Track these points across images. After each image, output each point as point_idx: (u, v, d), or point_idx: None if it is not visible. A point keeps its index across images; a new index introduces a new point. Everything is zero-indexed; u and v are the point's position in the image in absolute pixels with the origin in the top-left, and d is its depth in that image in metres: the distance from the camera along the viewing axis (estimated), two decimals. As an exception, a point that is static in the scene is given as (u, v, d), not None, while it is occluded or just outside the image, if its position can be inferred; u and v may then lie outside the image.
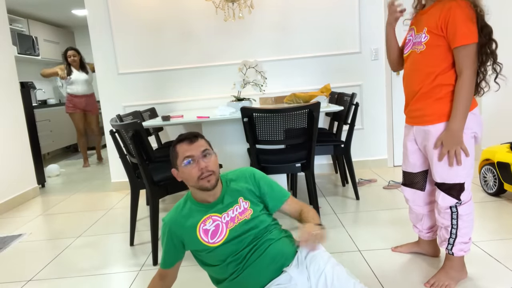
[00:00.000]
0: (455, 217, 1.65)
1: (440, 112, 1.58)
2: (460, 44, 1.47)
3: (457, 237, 1.66)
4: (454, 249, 1.68)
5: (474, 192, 2.91)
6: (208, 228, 1.44)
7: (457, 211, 1.65)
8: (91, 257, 2.36)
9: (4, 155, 3.55)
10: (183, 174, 1.46)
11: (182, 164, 1.44)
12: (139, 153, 2.16)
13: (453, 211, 1.66)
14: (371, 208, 2.79)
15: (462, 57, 1.48)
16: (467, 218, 1.66)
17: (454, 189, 1.63)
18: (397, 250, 2.05)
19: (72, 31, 7.47)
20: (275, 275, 1.39)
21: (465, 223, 1.66)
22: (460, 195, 1.63)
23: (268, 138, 2.40)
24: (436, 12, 1.53)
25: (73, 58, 5.04)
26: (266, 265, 1.40)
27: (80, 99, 5.11)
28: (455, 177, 1.62)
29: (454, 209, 1.66)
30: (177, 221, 1.49)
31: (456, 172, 1.60)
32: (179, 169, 1.47)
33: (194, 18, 3.72)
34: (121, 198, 3.65)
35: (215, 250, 1.43)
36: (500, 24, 3.58)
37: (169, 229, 1.48)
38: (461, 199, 1.64)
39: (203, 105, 3.86)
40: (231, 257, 1.42)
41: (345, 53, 3.77)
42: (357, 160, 3.92)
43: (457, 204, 1.65)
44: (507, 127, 3.60)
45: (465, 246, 1.68)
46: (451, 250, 1.69)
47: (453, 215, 1.66)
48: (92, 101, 5.23)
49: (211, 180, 1.43)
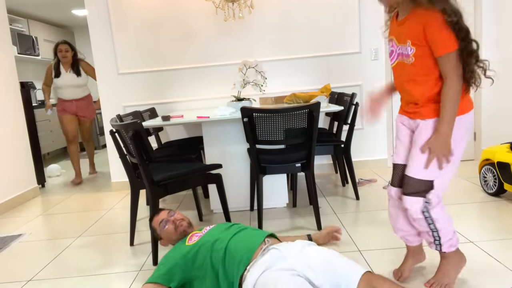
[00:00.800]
0: (431, 221, 1.61)
1: (435, 107, 1.58)
2: (441, 53, 1.48)
3: (440, 237, 1.64)
4: (443, 248, 1.66)
5: (474, 192, 2.92)
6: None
7: (430, 215, 1.61)
8: (91, 257, 2.36)
9: (4, 155, 3.55)
10: (166, 235, 1.88)
11: (161, 229, 1.88)
12: (139, 153, 2.16)
13: (426, 217, 1.61)
14: (371, 208, 2.79)
15: (445, 65, 1.50)
16: (443, 219, 1.62)
17: (421, 186, 1.59)
18: (404, 278, 1.82)
19: (72, 31, 7.47)
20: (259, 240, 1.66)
21: (443, 224, 1.62)
22: (428, 193, 1.59)
23: (268, 138, 2.40)
24: (413, 24, 1.53)
25: (64, 54, 4.25)
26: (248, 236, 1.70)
27: (70, 103, 4.40)
28: (427, 174, 1.59)
29: (427, 214, 1.60)
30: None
31: (430, 171, 1.58)
32: (162, 236, 1.90)
33: (194, 18, 3.72)
34: (121, 198, 3.65)
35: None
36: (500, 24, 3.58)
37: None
38: (429, 197, 1.59)
39: (203, 105, 3.86)
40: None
41: (345, 53, 3.77)
42: (357, 160, 3.92)
43: (428, 206, 1.60)
44: (507, 127, 3.61)
45: (452, 242, 1.66)
46: (441, 249, 1.67)
47: (428, 220, 1.61)
48: (86, 105, 4.48)
49: (183, 224, 1.88)
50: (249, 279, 1.51)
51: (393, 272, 1.86)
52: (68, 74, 4.30)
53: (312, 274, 1.48)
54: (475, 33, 3.70)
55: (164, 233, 1.89)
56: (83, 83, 4.40)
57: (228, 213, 2.48)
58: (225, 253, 1.62)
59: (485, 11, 3.64)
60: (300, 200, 3.09)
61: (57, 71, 4.29)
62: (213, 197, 2.90)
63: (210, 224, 2.74)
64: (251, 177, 2.88)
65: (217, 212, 2.96)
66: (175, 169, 2.36)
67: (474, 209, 2.58)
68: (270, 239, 1.71)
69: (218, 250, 1.64)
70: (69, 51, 4.30)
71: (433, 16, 1.46)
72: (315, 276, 1.47)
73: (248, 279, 1.51)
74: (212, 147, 2.85)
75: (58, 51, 4.27)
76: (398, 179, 1.73)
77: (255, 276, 1.50)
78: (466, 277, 1.76)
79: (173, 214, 1.92)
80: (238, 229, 1.76)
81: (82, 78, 4.38)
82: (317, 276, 1.47)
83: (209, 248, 1.67)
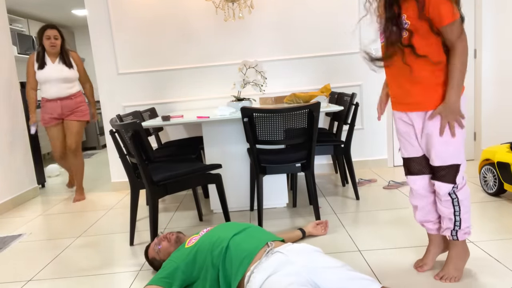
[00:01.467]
0: (457, 203, 1.69)
1: (434, 97, 1.62)
2: (447, 22, 1.51)
3: (461, 222, 1.70)
4: (459, 234, 1.72)
5: (474, 192, 2.91)
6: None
7: (457, 197, 1.68)
8: (91, 257, 2.36)
9: (4, 155, 3.55)
10: (164, 252, 1.92)
11: (158, 251, 1.93)
12: (138, 153, 2.16)
13: (453, 198, 1.69)
14: (371, 208, 2.79)
15: (451, 33, 1.53)
16: (467, 202, 1.70)
17: (450, 172, 1.66)
18: (424, 270, 1.85)
19: (72, 31, 7.47)
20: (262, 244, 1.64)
21: (466, 207, 1.70)
22: (456, 178, 1.66)
23: (268, 138, 2.40)
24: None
25: (53, 42, 3.42)
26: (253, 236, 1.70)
27: (54, 104, 3.52)
28: (451, 158, 1.65)
29: (453, 195, 1.68)
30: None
31: (452, 154, 1.64)
32: (162, 256, 1.93)
33: (194, 18, 3.72)
34: (121, 198, 3.65)
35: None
36: (500, 24, 3.58)
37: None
38: (457, 182, 1.67)
39: (203, 105, 3.86)
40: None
41: (345, 53, 3.77)
42: (357, 160, 3.92)
43: (454, 190, 1.68)
44: (507, 127, 3.60)
45: (468, 230, 1.73)
46: (456, 235, 1.72)
47: (454, 201, 1.69)
48: (74, 104, 3.58)
49: (174, 234, 1.96)
50: (254, 282, 1.48)
51: (415, 262, 1.90)
52: (55, 65, 3.47)
53: (321, 281, 1.44)
54: (475, 34, 3.70)
55: (162, 252, 1.92)
56: (74, 77, 3.57)
57: (228, 213, 2.48)
58: (226, 252, 1.61)
59: (485, 12, 3.64)
60: (300, 200, 3.09)
61: (41, 62, 3.45)
62: (213, 197, 2.90)
63: (210, 224, 2.74)
64: (251, 177, 2.88)
65: (217, 212, 2.95)
66: (175, 169, 2.36)
67: (474, 209, 2.58)
68: (273, 241, 1.69)
69: (218, 248, 1.63)
70: (58, 39, 3.48)
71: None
72: (325, 284, 1.43)
73: (253, 281, 1.48)
74: (212, 147, 2.85)
75: (46, 37, 3.42)
76: (418, 168, 1.78)
77: (260, 279, 1.47)
78: (466, 277, 1.76)
79: (159, 236, 2.00)
80: (241, 228, 1.75)
81: (73, 71, 3.57)
82: (328, 285, 1.43)
83: (209, 247, 1.66)
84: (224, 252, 1.61)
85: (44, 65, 3.45)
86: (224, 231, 1.72)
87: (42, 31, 3.44)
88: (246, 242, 1.64)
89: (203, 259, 1.65)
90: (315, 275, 1.44)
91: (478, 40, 3.70)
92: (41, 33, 3.44)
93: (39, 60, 3.46)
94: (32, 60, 3.48)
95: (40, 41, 3.46)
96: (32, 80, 3.51)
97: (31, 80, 3.51)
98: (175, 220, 2.88)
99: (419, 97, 1.64)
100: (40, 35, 3.45)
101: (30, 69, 3.48)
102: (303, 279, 1.42)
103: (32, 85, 3.54)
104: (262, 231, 1.77)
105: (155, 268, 1.99)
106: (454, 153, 1.64)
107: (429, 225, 1.84)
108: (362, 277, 1.43)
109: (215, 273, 1.61)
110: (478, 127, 3.87)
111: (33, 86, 3.54)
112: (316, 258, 1.52)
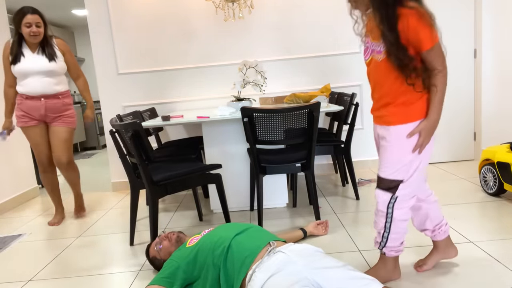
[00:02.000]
0: (389, 220, 1.68)
1: (406, 113, 1.62)
2: (428, 47, 1.52)
3: (387, 241, 1.70)
4: (385, 249, 1.73)
5: (474, 192, 2.92)
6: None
7: (392, 213, 1.67)
8: (91, 257, 2.36)
9: (4, 155, 3.55)
10: (165, 252, 1.92)
11: (158, 250, 1.94)
12: (138, 153, 2.16)
13: (388, 212, 1.67)
14: (371, 208, 2.79)
15: (432, 57, 1.54)
16: (401, 224, 1.68)
17: (392, 185, 1.65)
18: (423, 270, 1.86)
19: (72, 31, 7.47)
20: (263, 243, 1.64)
21: (398, 228, 1.68)
22: (396, 190, 1.64)
23: (268, 138, 2.40)
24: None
25: (35, 30, 2.71)
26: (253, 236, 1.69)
27: (36, 102, 2.81)
28: (396, 174, 1.65)
29: (390, 210, 1.67)
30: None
31: (398, 171, 1.64)
32: (162, 256, 1.93)
33: (194, 18, 3.72)
34: (121, 198, 3.65)
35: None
36: (499, 24, 3.58)
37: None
38: (397, 194, 1.64)
39: (203, 105, 3.86)
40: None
41: (345, 53, 3.77)
42: (357, 160, 3.92)
43: (393, 202, 1.65)
44: (507, 127, 3.61)
45: (397, 249, 1.73)
46: (382, 250, 1.73)
47: (388, 217, 1.68)
48: (61, 106, 2.88)
49: (175, 233, 1.97)
50: (255, 281, 1.48)
51: (416, 262, 1.91)
52: (36, 56, 2.78)
53: (323, 281, 1.44)
54: (475, 34, 3.70)
55: (163, 252, 1.93)
56: (60, 70, 2.85)
57: (228, 213, 2.48)
58: (227, 252, 1.61)
59: (485, 12, 3.64)
60: (300, 200, 3.09)
61: (16, 53, 2.76)
62: (213, 197, 2.90)
63: (210, 224, 2.74)
64: (251, 177, 2.88)
65: (217, 212, 2.95)
66: (175, 169, 2.36)
67: (474, 209, 2.58)
68: (275, 241, 1.69)
69: (220, 248, 1.63)
70: (41, 26, 2.77)
71: (412, 13, 1.48)
72: (326, 283, 1.43)
73: (255, 281, 1.48)
74: (212, 147, 2.85)
75: (25, 24, 2.71)
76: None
77: (262, 279, 1.47)
78: (467, 277, 1.76)
79: (160, 235, 2.01)
80: (243, 228, 1.75)
81: (59, 63, 2.83)
82: (329, 284, 1.43)
83: (210, 246, 1.66)
84: (225, 251, 1.61)
85: (20, 57, 2.75)
86: (226, 231, 1.73)
87: (20, 16, 2.72)
88: (248, 241, 1.64)
89: (204, 258, 1.65)
90: (316, 275, 1.45)
91: (478, 40, 3.70)
92: (19, 19, 2.72)
93: (13, 52, 2.76)
94: (7, 52, 2.80)
95: (17, 29, 2.75)
96: (8, 76, 2.82)
97: (7, 76, 2.83)
98: (175, 220, 2.88)
99: (388, 112, 1.66)
100: (17, 22, 2.73)
101: (5, 63, 2.81)
102: (305, 279, 1.42)
103: (9, 82, 2.84)
104: (264, 231, 1.77)
105: (156, 267, 1.99)
106: (400, 171, 1.63)
107: (427, 233, 1.85)
108: (363, 276, 1.44)
109: (216, 273, 1.61)
110: (478, 127, 3.87)
111: (10, 83, 2.84)
112: (317, 258, 1.53)
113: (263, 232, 1.75)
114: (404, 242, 1.74)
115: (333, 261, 1.52)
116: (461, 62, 3.77)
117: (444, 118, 3.86)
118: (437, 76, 1.56)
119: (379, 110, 1.69)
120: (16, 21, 2.75)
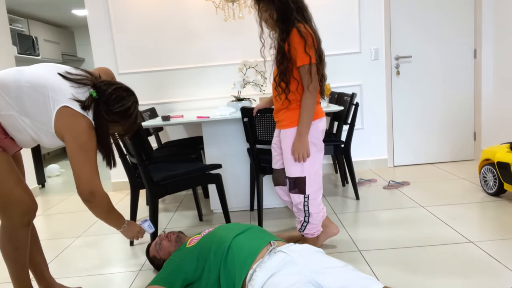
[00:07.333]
0: (308, 215, 2.00)
1: (292, 119, 1.93)
2: (300, 64, 1.82)
3: (305, 229, 2.04)
4: (304, 232, 2.06)
5: (474, 192, 2.92)
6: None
7: (308, 211, 1.99)
8: (91, 257, 2.36)
9: (4, 155, 3.54)
10: (164, 251, 1.93)
11: (158, 250, 1.95)
12: (138, 153, 2.16)
13: (305, 210, 1.99)
14: (371, 208, 2.79)
15: (303, 75, 1.85)
16: (317, 216, 2.02)
17: (299, 184, 1.95)
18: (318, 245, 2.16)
19: (72, 31, 7.47)
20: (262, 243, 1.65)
21: (315, 220, 2.02)
22: (305, 189, 1.95)
23: (268, 138, 2.40)
24: (278, 41, 1.94)
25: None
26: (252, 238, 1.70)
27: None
28: (297, 172, 1.95)
29: (306, 208, 1.99)
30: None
31: (298, 168, 1.94)
32: (162, 255, 1.94)
33: (194, 18, 3.72)
34: (121, 198, 3.65)
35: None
36: (500, 24, 3.58)
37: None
38: (307, 193, 1.96)
39: (203, 105, 3.86)
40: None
41: (345, 53, 3.77)
42: (357, 160, 3.92)
43: (307, 201, 1.97)
44: (507, 127, 3.61)
45: (314, 233, 2.06)
46: (303, 233, 2.08)
47: (306, 213, 2.00)
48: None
49: (174, 233, 1.98)
50: (256, 280, 1.48)
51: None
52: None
53: (323, 281, 1.44)
54: (475, 34, 3.70)
55: (163, 251, 1.93)
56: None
57: (228, 213, 2.48)
58: (228, 252, 1.61)
59: (485, 12, 3.64)
60: (300, 200, 3.09)
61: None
62: (213, 197, 2.90)
63: (210, 224, 2.74)
64: (251, 177, 2.88)
65: (217, 212, 2.96)
66: (175, 169, 2.36)
67: (474, 209, 2.58)
68: (276, 241, 1.69)
69: (220, 248, 1.63)
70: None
71: (296, 33, 1.82)
72: (327, 283, 1.43)
73: (256, 280, 1.48)
74: (212, 147, 2.85)
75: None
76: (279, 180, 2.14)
77: (263, 278, 1.46)
78: (467, 277, 1.76)
79: (160, 235, 2.01)
80: (243, 229, 1.75)
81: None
82: (330, 284, 1.43)
83: (211, 246, 1.66)
84: (226, 252, 1.61)
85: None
86: (227, 232, 1.72)
87: None
88: (249, 241, 1.64)
89: (205, 258, 1.65)
90: (317, 275, 1.45)
91: (478, 40, 3.70)
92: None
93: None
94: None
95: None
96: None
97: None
98: (175, 220, 2.88)
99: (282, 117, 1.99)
100: None
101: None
102: (306, 279, 1.42)
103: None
104: (264, 232, 1.77)
105: (156, 267, 1.99)
106: (296, 169, 1.94)
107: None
108: (364, 276, 1.43)
109: (216, 273, 1.61)
110: (478, 127, 3.87)
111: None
112: (318, 258, 1.53)
113: (264, 233, 1.75)
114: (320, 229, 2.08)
115: (333, 261, 1.52)
116: (461, 62, 3.77)
117: (444, 118, 3.86)
118: (305, 92, 1.85)
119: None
120: None
